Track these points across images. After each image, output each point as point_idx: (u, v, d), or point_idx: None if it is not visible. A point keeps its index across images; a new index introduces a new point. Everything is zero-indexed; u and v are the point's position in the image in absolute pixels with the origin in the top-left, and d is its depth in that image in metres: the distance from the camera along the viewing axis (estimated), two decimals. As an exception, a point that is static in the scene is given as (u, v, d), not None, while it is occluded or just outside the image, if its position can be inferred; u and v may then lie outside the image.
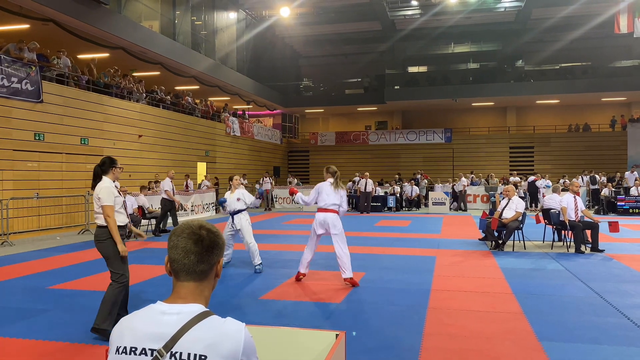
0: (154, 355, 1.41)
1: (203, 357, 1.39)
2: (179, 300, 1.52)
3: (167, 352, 1.41)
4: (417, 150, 30.95)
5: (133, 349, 1.44)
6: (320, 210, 6.85)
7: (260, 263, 7.90)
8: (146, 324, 1.47)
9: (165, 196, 12.92)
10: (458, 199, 21.05)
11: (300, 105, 31.92)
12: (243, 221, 7.99)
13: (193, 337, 1.42)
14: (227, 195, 8.18)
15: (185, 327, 1.44)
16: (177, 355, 1.40)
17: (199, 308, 1.49)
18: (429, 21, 27.93)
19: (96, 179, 4.98)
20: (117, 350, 1.46)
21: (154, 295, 6.37)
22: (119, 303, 4.85)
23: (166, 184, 12.94)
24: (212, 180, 20.49)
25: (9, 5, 12.85)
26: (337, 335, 2.05)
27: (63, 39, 15.23)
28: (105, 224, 4.82)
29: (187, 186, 17.60)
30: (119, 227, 4.87)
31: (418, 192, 21.80)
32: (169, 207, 12.98)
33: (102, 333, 4.63)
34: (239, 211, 8.00)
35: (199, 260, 1.53)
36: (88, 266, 8.46)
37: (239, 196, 8.04)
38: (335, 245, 6.74)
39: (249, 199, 8.11)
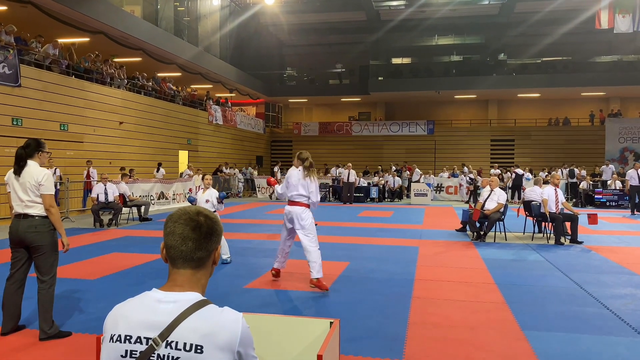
0: (149, 344, 1.39)
1: (199, 347, 1.37)
2: (176, 288, 1.49)
3: (162, 341, 1.38)
4: (400, 141, 31.08)
5: (128, 337, 1.41)
6: (289, 202, 6.17)
7: (229, 256, 7.74)
8: (141, 312, 1.44)
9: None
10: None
11: (284, 94, 31.76)
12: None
13: (189, 326, 1.39)
14: (199, 194, 7.92)
15: (182, 316, 1.41)
16: (173, 345, 1.38)
17: (196, 296, 1.47)
18: (414, 13, 27.94)
19: (20, 162, 4.32)
20: (112, 338, 1.43)
21: (137, 282, 6.31)
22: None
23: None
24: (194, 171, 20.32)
25: (-15, -15, 12.50)
26: (331, 322, 2.05)
27: (42, 22, 14.87)
28: (45, 214, 4.31)
29: (88, 175, 14.42)
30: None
31: (400, 183, 21.92)
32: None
33: (58, 336, 4.30)
34: None
35: (196, 247, 1.50)
36: (70, 254, 8.28)
37: (208, 198, 7.73)
38: (302, 242, 6.02)
39: (216, 205, 7.74)
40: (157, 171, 17.86)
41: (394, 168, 24.06)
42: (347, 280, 6.62)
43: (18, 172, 4.31)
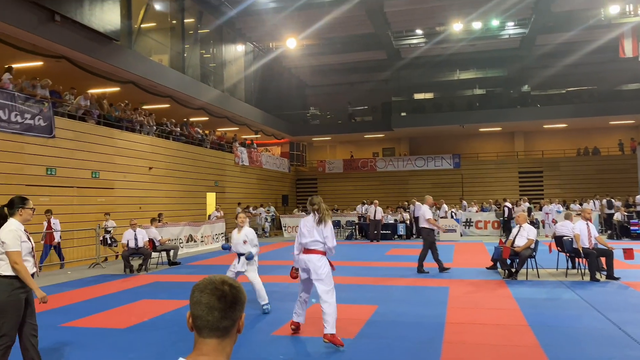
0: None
1: None
2: (202, 358, 1.52)
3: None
4: (426, 176, 30.91)
5: None
6: (304, 250, 5.82)
7: (267, 302, 7.38)
8: None
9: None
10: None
11: (308, 133, 32.17)
12: (247, 266, 7.36)
13: None
14: (234, 234, 7.55)
15: None
16: None
17: (221, 366, 1.49)
18: (434, 49, 28.26)
19: (1, 220, 4.34)
20: None
21: (166, 332, 6.34)
22: None
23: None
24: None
25: (23, 44, 13.18)
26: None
27: (75, 75, 15.54)
28: (8, 273, 4.21)
29: (48, 226, 12.35)
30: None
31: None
32: None
33: None
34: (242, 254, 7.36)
35: (222, 316, 1.53)
36: (100, 302, 8.45)
37: (245, 238, 7.33)
38: (319, 293, 5.66)
39: (255, 248, 7.36)
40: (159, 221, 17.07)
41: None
42: (375, 325, 6.51)
43: None
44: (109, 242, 14.02)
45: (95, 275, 11.74)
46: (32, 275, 4.44)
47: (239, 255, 7.40)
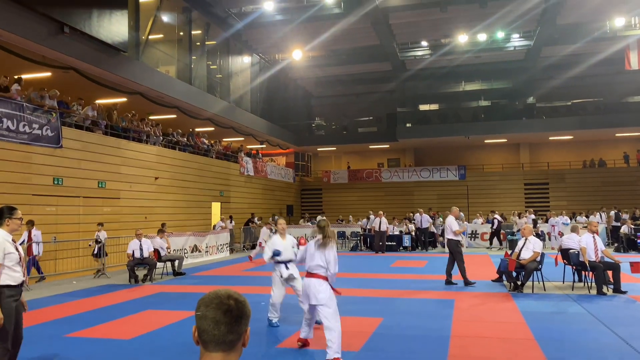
0: None
1: None
2: (208, 372, 1.53)
3: None
4: (431, 187, 30.87)
5: None
6: (307, 274, 5.71)
7: (276, 316, 7.28)
8: None
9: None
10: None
11: (313, 144, 32.27)
12: (297, 270, 7.11)
13: None
14: (277, 240, 7.16)
15: None
16: None
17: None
18: (439, 60, 28.35)
19: None
20: None
21: (170, 343, 6.33)
22: None
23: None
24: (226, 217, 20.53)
25: (32, 55, 13.34)
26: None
27: (83, 85, 15.69)
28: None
29: (29, 237, 11.51)
30: (12, 286, 4.31)
31: (430, 222, 21.34)
32: None
33: None
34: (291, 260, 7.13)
35: (228, 330, 1.54)
36: (105, 312, 8.46)
37: (292, 244, 7.14)
38: (322, 318, 5.46)
39: (299, 251, 6.81)
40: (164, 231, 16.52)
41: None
42: (381, 338, 6.48)
43: None
44: (95, 252, 13.42)
45: (100, 285, 11.76)
46: (21, 284, 4.43)
47: (286, 264, 7.09)
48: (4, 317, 4.22)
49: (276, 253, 7.02)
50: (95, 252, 13.49)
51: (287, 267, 7.10)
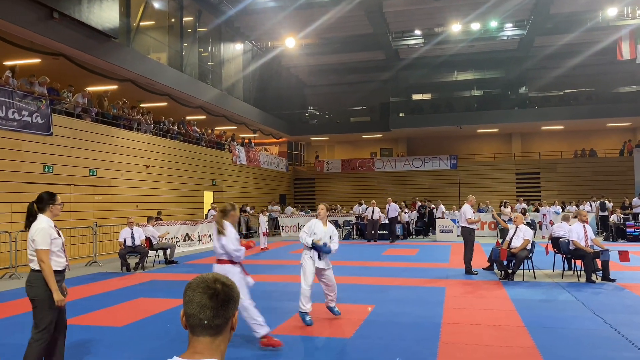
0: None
1: None
2: (196, 356, 1.52)
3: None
4: (423, 177, 30.95)
5: None
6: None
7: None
8: None
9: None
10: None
11: (306, 133, 32.20)
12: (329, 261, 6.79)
13: None
14: (318, 225, 6.70)
15: None
16: None
17: (215, 363, 1.49)
18: (432, 50, 28.28)
19: (30, 217, 4.40)
20: None
21: (162, 330, 6.33)
22: None
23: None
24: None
25: (20, 40, 13.14)
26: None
27: (73, 73, 15.52)
28: (40, 269, 4.26)
29: None
30: (57, 272, 4.35)
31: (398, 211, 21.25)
32: None
33: None
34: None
35: (214, 315, 1.53)
36: (97, 300, 8.44)
37: (331, 234, 6.76)
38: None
39: (336, 245, 6.73)
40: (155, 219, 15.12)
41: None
42: (372, 324, 6.52)
43: (28, 226, 4.40)
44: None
45: (92, 273, 11.72)
46: (64, 270, 4.53)
47: (318, 249, 6.55)
48: (51, 303, 4.26)
49: (324, 247, 6.51)
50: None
51: (320, 258, 6.59)
